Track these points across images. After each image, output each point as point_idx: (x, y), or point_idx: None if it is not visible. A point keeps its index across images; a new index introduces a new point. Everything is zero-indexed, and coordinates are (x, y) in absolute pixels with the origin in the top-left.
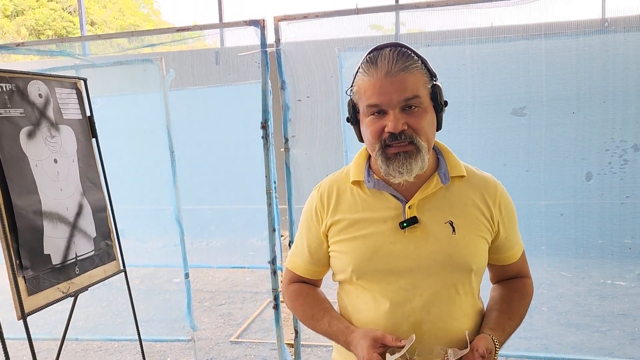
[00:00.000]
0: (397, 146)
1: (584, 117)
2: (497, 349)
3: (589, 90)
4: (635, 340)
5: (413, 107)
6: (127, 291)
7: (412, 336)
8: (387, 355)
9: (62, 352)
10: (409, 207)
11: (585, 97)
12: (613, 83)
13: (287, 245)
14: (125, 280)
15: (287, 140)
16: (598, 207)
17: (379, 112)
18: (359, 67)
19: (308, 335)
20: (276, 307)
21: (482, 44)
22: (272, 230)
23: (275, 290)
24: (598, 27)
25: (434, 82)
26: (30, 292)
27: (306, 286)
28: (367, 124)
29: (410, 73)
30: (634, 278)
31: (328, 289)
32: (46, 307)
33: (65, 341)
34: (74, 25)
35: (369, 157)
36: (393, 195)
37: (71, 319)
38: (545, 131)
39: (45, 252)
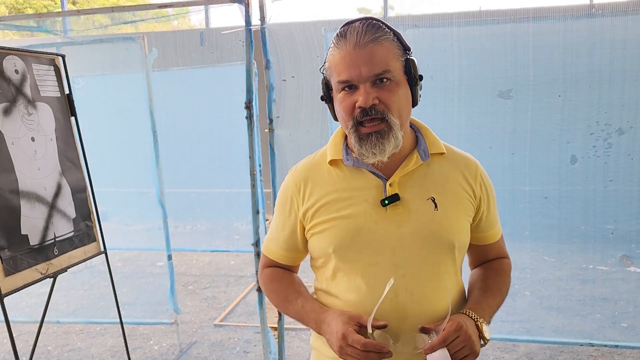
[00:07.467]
0: (369, 126)
1: (570, 100)
2: (479, 323)
3: (575, 74)
4: (615, 324)
5: (385, 80)
6: (108, 273)
7: (391, 280)
8: (373, 331)
9: (44, 334)
10: (390, 184)
11: (571, 80)
12: (599, 67)
13: None
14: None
15: (271, 121)
16: (582, 191)
17: (350, 87)
18: (331, 43)
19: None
20: (260, 290)
21: (469, 26)
22: (256, 212)
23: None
24: (585, 11)
25: (408, 56)
26: (7, 273)
27: (281, 270)
28: (339, 100)
29: (380, 44)
30: (615, 263)
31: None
32: (24, 288)
33: (46, 324)
34: (55, 4)
35: (346, 136)
36: (373, 173)
37: (52, 302)
38: (531, 114)
39: (22, 233)
